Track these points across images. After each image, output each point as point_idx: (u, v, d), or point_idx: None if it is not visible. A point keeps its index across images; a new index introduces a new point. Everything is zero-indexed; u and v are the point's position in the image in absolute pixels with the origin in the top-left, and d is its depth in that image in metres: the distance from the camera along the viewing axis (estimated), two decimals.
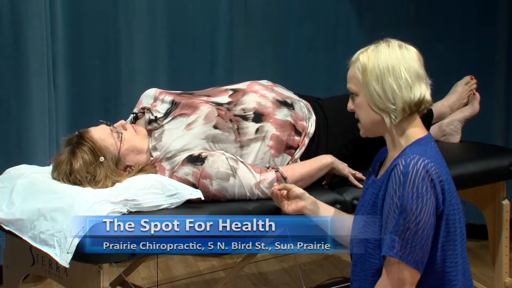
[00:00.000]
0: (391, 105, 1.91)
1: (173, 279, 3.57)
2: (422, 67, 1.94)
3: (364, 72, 1.92)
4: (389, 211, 1.85)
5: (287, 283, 3.52)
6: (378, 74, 1.90)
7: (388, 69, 1.90)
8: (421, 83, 1.92)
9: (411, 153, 1.86)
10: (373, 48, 1.95)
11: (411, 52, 1.94)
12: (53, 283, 3.43)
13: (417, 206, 1.82)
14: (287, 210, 2.26)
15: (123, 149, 2.48)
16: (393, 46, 1.94)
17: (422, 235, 1.82)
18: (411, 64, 1.92)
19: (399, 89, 1.90)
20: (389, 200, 1.85)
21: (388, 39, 1.96)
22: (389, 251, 1.84)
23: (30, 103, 3.33)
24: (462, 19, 3.93)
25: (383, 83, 1.90)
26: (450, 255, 1.89)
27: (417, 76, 1.92)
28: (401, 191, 1.83)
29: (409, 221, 1.82)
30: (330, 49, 3.86)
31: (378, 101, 1.92)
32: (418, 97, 1.91)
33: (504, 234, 2.99)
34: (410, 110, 1.92)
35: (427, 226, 1.82)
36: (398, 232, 1.83)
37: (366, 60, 1.93)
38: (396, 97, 1.90)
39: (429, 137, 1.95)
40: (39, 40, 3.33)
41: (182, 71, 3.71)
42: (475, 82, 3.14)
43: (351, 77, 1.97)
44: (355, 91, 1.96)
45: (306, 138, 2.68)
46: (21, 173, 2.48)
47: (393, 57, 1.91)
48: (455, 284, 1.90)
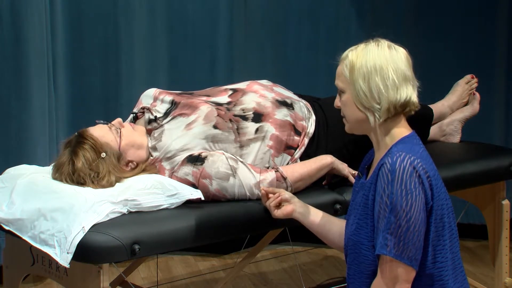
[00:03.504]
0: (376, 104, 1.92)
1: (173, 279, 3.57)
2: (410, 68, 1.95)
3: (351, 70, 1.94)
4: (379, 211, 1.85)
5: (287, 283, 3.52)
6: (365, 72, 1.91)
7: (376, 68, 1.91)
8: (408, 85, 1.93)
9: (397, 151, 1.86)
10: (362, 47, 1.95)
11: (400, 53, 1.95)
12: (53, 283, 3.43)
13: (406, 203, 1.82)
14: (276, 214, 2.30)
15: (123, 144, 2.49)
16: (382, 46, 1.94)
17: (414, 231, 1.83)
18: (399, 65, 1.92)
19: (385, 89, 1.91)
20: (379, 199, 1.86)
21: (378, 39, 1.97)
22: (382, 249, 1.84)
23: (30, 103, 3.33)
24: (462, 19, 3.92)
25: (369, 82, 1.91)
26: (440, 250, 1.89)
27: (404, 77, 1.92)
28: (389, 189, 1.83)
29: (400, 218, 1.82)
30: (330, 49, 3.86)
31: (363, 100, 1.93)
32: (404, 98, 1.92)
33: (504, 234, 2.99)
34: (394, 111, 1.93)
35: (418, 222, 1.83)
36: (389, 230, 1.83)
37: (354, 58, 1.94)
38: (382, 97, 1.91)
39: (414, 135, 1.96)
40: (39, 40, 3.33)
41: (182, 71, 3.71)
42: (476, 81, 3.13)
43: (339, 74, 1.99)
44: (342, 88, 1.98)
45: (306, 138, 2.68)
46: (21, 173, 2.48)
47: (382, 57, 1.92)
48: (447, 279, 1.90)
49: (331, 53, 3.81)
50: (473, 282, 3.12)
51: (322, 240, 2.28)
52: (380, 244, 1.85)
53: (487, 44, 3.93)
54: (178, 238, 2.26)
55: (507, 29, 3.93)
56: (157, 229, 2.23)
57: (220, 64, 3.74)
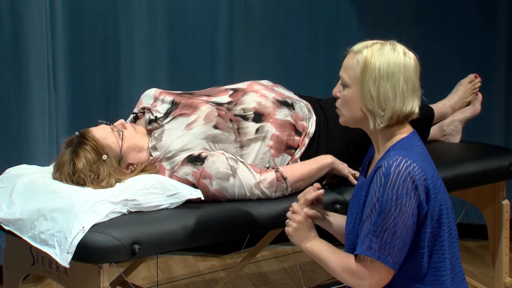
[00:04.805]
0: (380, 110, 1.89)
1: (173, 279, 3.57)
2: (418, 77, 1.92)
3: (364, 69, 1.89)
4: (368, 212, 1.85)
5: (287, 283, 3.52)
6: (377, 76, 1.87)
7: (388, 74, 1.87)
8: (415, 96, 1.90)
9: (394, 155, 1.85)
10: (378, 47, 1.90)
11: (412, 61, 1.90)
12: (53, 283, 3.43)
13: (395, 208, 1.81)
14: (309, 213, 2.04)
15: (125, 147, 2.48)
16: (398, 51, 1.89)
17: (400, 236, 1.82)
18: (411, 74, 1.88)
19: (393, 97, 1.87)
20: (369, 200, 1.85)
21: (394, 42, 1.92)
22: (367, 251, 1.84)
23: (30, 103, 3.33)
24: (462, 19, 3.92)
25: (379, 87, 1.87)
26: (437, 250, 1.89)
27: (413, 88, 1.89)
28: (381, 192, 1.82)
29: (387, 222, 1.82)
30: (330, 49, 3.86)
31: (368, 102, 1.89)
32: (409, 109, 1.89)
33: (504, 234, 2.99)
34: (396, 120, 1.90)
35: (405, 227, 1.82)
36: (376, 232, 1.83)
37: (369, 57, 1.88)
38: (388, 105, 1.88)
39: (413, 135, 1.93)
40: (39, 40, 3.33)
41: (182, 71, 3.71)
42: (479, 81, 3.10)
43: (348, 67, 1.93)
44: (347, 83, 1.93)
45: (306, 138, 2.68)
46: (21, 173, 2.48)
47: (396, 64, 1.87)
48: (444, 279, 1.90)
49: (331, 53, 3.88)
50: (473, 282, 3.12)
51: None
52: (365, 245, 1.84)
53: (487, 44, 3.93)
54: (178, 238, 2.26)
55: (507, 29, 3.93)
56: (157, 229, 2.23)
57: (220, 64, 3.74)
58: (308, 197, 2.06)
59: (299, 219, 2.01)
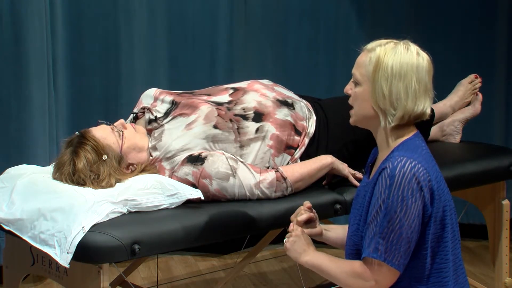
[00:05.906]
0: (392, 109, 1.88)
1: (173, 279, 3.57)
2: (431, 78, 1.91)
3: (376, 67, 1.88)
4: (374, 214, 1.85)
5: (287, 283, 3.52)
6: (390, 75, 1.87)
7: (401, 74, 1.86)
8: (427, 97, 1.90)
9: (399, 156, 1.84)
10: (392, 46, 1.90)
11: (425, 61, 1.90)
12: (53, 283, 3.43)
13: (401, 209, 1.81)
14: (306, 231, 2.07)
15: (125, 147, 2.48)
16: (411, 51, 1.89)
17: (406, 238, 1.82)
18: (423, 75, 1.88)
19: (405, 97, 1.87)
20: (374, 202, 1.85)
21: (408, 42, 1.92)
22: (374, 253, 1.84)
23: (30, 103, 3.33)
24: (462, 19, 3.92)
25: (391, 86, 1.87)
26: (441, 252, 1.89)
27: (425, 89, 1.89)
28: (386, 194, 1.82)
29: (393, 224, 1.82)
30: (330, 49, 3.86)
31: (380, 101, 1.88)
32: (420, 110, 1.89)
33: (504, 234, 2.99)
34: (408, 119, 1.90)
35: (411, 229, 1.82)
36: (382, 234, 1.83)
37: (382, 55, 1.88)
38: (400, 104, 1.87)
39: (416, 136, 1.94)
40: (39, 40, 3.33)
41: (182, 71, 3.71)
42: (479, 81, 3.09)
43: (360, 65, 1.92)
44: (359, 81, 1.92)
45: (306, 138, 2.68)
46: (21, 173, 2.48)
47: (409, 64, 1.87)
48: (447, 280, 1.90)
49: (331, 53, 3.87)
50: (473, 282, 3.12)
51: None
52: (371, 247, 1.84)
53: (487, 44, 3.93)
54: (178, 238, 2.26)
55: (507, 29, 3.93)
56: (157, 229, 2.23)
57: (220, 64, 3.74)
58: (300, 219, 2.07)
59: (296, 233, 2.02)
